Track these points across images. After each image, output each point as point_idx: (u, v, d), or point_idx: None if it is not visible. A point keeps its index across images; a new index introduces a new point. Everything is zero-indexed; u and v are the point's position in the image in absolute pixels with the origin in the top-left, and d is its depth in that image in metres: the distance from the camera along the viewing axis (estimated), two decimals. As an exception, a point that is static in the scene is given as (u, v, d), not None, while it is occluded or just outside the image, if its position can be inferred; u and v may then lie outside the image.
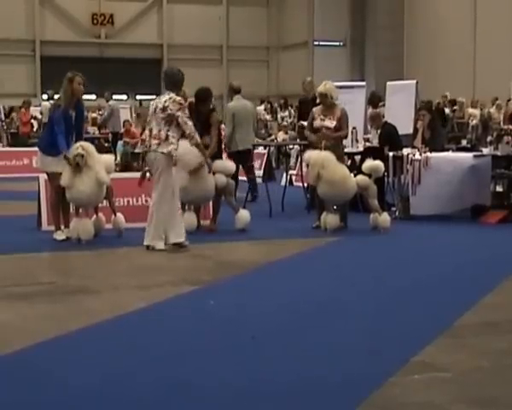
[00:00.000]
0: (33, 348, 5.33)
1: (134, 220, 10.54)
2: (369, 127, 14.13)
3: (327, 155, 10.25)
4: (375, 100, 15.14)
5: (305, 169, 12.94)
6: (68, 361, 5.08)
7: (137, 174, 10.38)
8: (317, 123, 10.69)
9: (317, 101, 11.01)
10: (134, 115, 25.23)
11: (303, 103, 13.97)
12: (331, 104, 10.70)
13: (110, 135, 22.25)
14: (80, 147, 9.48)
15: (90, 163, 9.45)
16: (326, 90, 10.67)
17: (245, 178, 13.93)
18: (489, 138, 13.62)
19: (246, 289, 7.27)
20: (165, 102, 9.18)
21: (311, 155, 10.37)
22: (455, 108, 23.84)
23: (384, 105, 16.84)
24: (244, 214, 10.49)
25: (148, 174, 9.54)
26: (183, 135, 9.28)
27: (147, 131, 9.39)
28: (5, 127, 25.94)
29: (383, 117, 13.64)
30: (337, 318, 6.19)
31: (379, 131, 12.93)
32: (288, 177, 15.46)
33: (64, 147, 9.50)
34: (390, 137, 12.56)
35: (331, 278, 7.75)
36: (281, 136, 22.88)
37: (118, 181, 10.65)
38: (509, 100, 21.67)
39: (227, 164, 10.80)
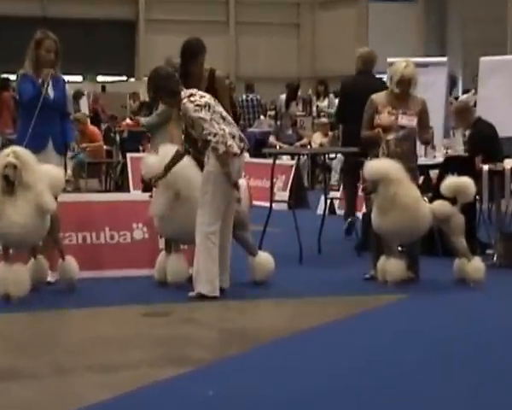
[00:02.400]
0: None
1: (92, 267, 10.58)
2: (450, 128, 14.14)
3: (399, 168, 10.21)
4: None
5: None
6: None
7: (102, 196, 10.39)
8: (384, 119, 10.63)
9: (397, 89, 10.79)
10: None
11: (354, 88, 13.76)
12: (408, 93, 10.74)
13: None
14: (12, 153, 9.38)
15: (26, 180, 9.38)
16: (411, 74, 10.64)
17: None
18: None
19: (260, 372, 7.26)
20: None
21: (385, 166, 10.34)
22: None
23: (475, 93, 16.90)
24: (264, 259, 10.50)
25: None
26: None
27: (223, 133, 9.79)
28: None
29: (474, 111, 13.67)
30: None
31: (467, 133, 12.92)
32: (329, 202, 15.47)
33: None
34: (484, 142, 12.55)
35: (385, 359, 7.71)
36: (317, 139, 22.96)
37: (69, 206, 10.72)
38: None
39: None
